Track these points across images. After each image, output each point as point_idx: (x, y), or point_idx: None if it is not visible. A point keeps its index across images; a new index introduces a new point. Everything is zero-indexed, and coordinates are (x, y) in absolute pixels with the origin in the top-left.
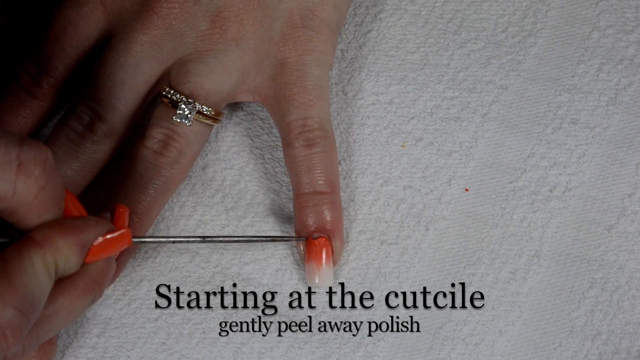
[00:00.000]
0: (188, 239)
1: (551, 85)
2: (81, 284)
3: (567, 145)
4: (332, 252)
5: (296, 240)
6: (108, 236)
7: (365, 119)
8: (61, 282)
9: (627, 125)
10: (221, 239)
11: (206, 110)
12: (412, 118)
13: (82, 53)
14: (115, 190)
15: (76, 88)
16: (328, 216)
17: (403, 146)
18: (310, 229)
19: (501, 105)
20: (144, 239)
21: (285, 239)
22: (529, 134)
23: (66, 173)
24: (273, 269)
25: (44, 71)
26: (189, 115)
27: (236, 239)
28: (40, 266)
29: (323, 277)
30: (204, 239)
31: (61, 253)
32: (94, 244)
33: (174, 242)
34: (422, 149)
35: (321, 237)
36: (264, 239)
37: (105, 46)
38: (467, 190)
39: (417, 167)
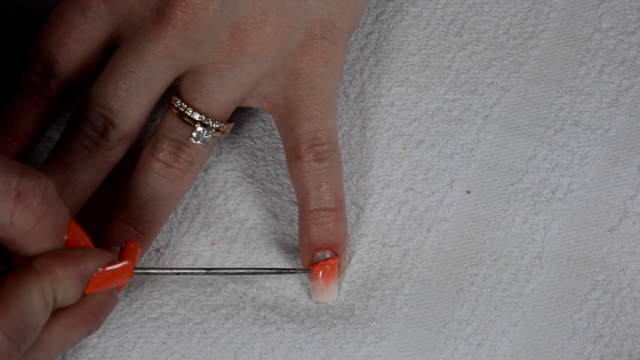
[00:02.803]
0: (192, 271)
1: (553, 87)
2: (78, 314)
3: (569, 147)
4: (339, 268)
5: (302, 272)
6: (109, 268)
7: (367, 122)
8: (59, 311)
9: (629, 126)
10: (225, 270)
11: (219, 126)
12: (414, 120)
13: (89, 55)
14: (123, 200)
15: (85, 87)
16: (335, 234)
17: (404, 148)
18: (317, 245)
19: (503, 107)
20: (146, 271)
21: (290, 271)
22: (531, 136)
23: (81, 176)
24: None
25: (52, 73)
26: (206, 138)
27: (240, 271)
28: (37, 295)
29: (330, 295)
30: (208, 270)
31: (60, 283)
32: (95, 275)
33: (177, 274)
34: (423, 152)
35: (329, 258)
36: (270, 271)
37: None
38: (469, 192)
39: (418, 170)
